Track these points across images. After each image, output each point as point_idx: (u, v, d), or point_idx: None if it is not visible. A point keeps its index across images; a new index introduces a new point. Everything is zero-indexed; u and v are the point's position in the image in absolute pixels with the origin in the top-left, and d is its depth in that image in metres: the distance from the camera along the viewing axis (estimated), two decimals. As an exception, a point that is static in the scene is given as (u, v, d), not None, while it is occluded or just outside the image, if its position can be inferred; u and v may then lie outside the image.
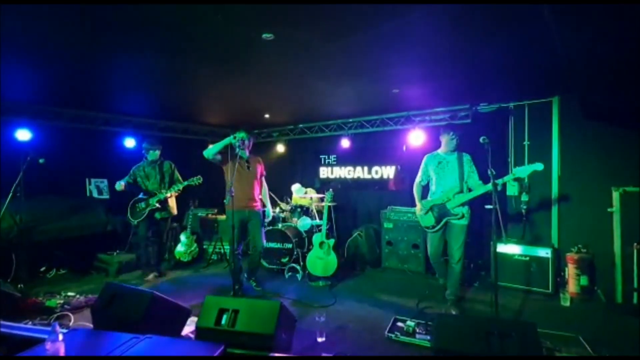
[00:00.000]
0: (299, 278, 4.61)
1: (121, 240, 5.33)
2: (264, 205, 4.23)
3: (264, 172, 4.26)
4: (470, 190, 3.45)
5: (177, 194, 4.62)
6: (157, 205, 4.44)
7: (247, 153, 4.04)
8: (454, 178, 3.50)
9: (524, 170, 3.18)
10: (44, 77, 3.73)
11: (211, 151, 3.86)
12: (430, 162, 3.69)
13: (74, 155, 5.23)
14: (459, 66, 3.38)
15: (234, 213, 3.64)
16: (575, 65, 2.77)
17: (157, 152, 4.62)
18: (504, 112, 4.75)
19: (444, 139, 3.61)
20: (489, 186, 3.16)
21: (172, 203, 4.70)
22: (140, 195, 4.55)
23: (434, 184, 3.65)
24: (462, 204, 3.42)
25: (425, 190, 3.77)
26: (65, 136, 5.13)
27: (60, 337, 1.60)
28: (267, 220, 4.33)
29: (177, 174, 4.71)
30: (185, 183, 4.46)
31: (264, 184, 4.28)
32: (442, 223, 3.49)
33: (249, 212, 3.99)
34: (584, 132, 4.11)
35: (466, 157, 3.56)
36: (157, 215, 4.54)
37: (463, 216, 3.43)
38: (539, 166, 3.16)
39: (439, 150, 3.71)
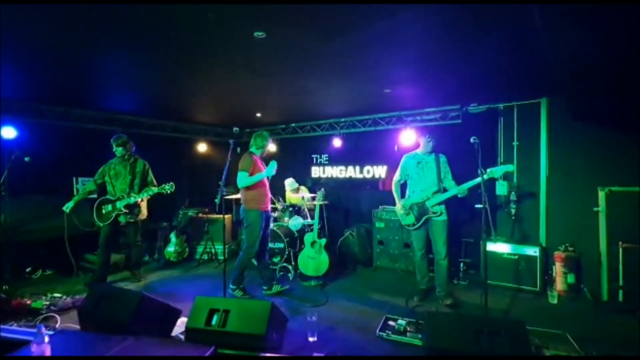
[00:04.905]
0: (291, 278, 4.59)
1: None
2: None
3: None
4: (445, 190, 3.62)
5: (148, 197, 4.31)
6: (125, 209, 4.14)
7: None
8: (432, 178, 3.66)
9: (497, 171, 3.37)
10: (29, 73, 3.64)
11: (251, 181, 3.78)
12: (409, 162, 3.82)
13: (60, 154, 5.12)
14: (450, 67, 3.40)
15: (262, 213, 3.83)
16: (563, 66, 2.81)
17: (121, 149, 4.27)
18: (494, 113, 4.81)
19: (422, 141, 3.78)
20: (460, 188, 3.48)
21: (143, 207, 4.42)
22: (108, 196, 4.25)
23: (413, 183, 3.78)
24: (440, 203, 3.60)
25: (402, 189, 3.93)
26: (52, 134, 5.01)
27: (46, 339, 1.57)
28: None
29: (151, 176, 4.42)
30: (157, 190, 4.17)
31: None
32: (422, 221, 3.64)
33: (269, 212, 4.10)
34: (572, 133, 4.19)
35: (442, 158, 3.74)
36: (122, 219, 4.21)
37: (442, 213, 3.61)
38: (510, 167, 3.51)
39: (418, 151, 3.84)
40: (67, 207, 4.15)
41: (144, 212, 4.43)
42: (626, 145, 3.81)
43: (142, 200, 4.27)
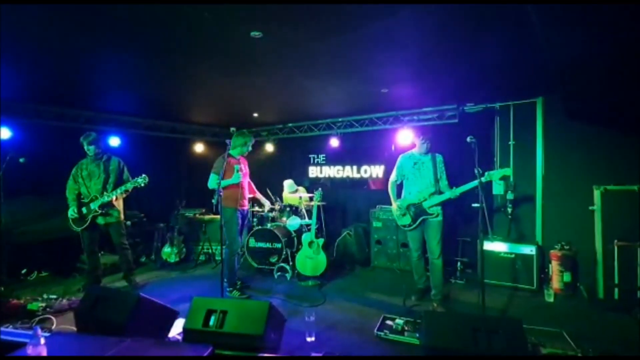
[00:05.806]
0: (288, 278, 4.59)
1: (105, 242, 5.21)
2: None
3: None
4: (441, 192, 3.58)
5: (124, 195, 4.13)
6: (100, 210, 3.95)
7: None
8: (429, 178, 3.62)
9: (495, 175, 3.36)
10: (25, 73, 3.61)
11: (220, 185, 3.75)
12: (405, 162, 3.78)
13: (56, 154, 5.05)
14: (447, 67, 3.41)
15: (237, 211, 3.94)
16: (559, 66, 2.83)
17: (93, 148, 4.03)
18: (490, 112, 4.83)
19: (417, 142, 3.74)
20: (453, 192, 3.41)
21: (120, 206, 4.19)
22: (82, 198, 4.04)
23: (409, 184, 3.74)
24: (437, 204, 3.56)
25: (398, 189, 3.90)
26: (47, 135, 4.97)
27: (42, 340, 1.56)
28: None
29: (126, 173, 4.19)
30: (130, 185, 3.98)
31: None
32: (418, 221, 3.61)
33: (246, 211, 4.20)
34: (567, 132, 4.21)
35: (439, 158, 3.70)
36: (100, 220, 4.02)
37: (438, 214, 3.58)
38: (507, 171, 3.46)
39: (414, 151, 3.80)
40: (72, 211, 4.01)
41: (120, 211, 4.21)
42: (621, 144, 3.85)
43: (116, 198, 4.07)
